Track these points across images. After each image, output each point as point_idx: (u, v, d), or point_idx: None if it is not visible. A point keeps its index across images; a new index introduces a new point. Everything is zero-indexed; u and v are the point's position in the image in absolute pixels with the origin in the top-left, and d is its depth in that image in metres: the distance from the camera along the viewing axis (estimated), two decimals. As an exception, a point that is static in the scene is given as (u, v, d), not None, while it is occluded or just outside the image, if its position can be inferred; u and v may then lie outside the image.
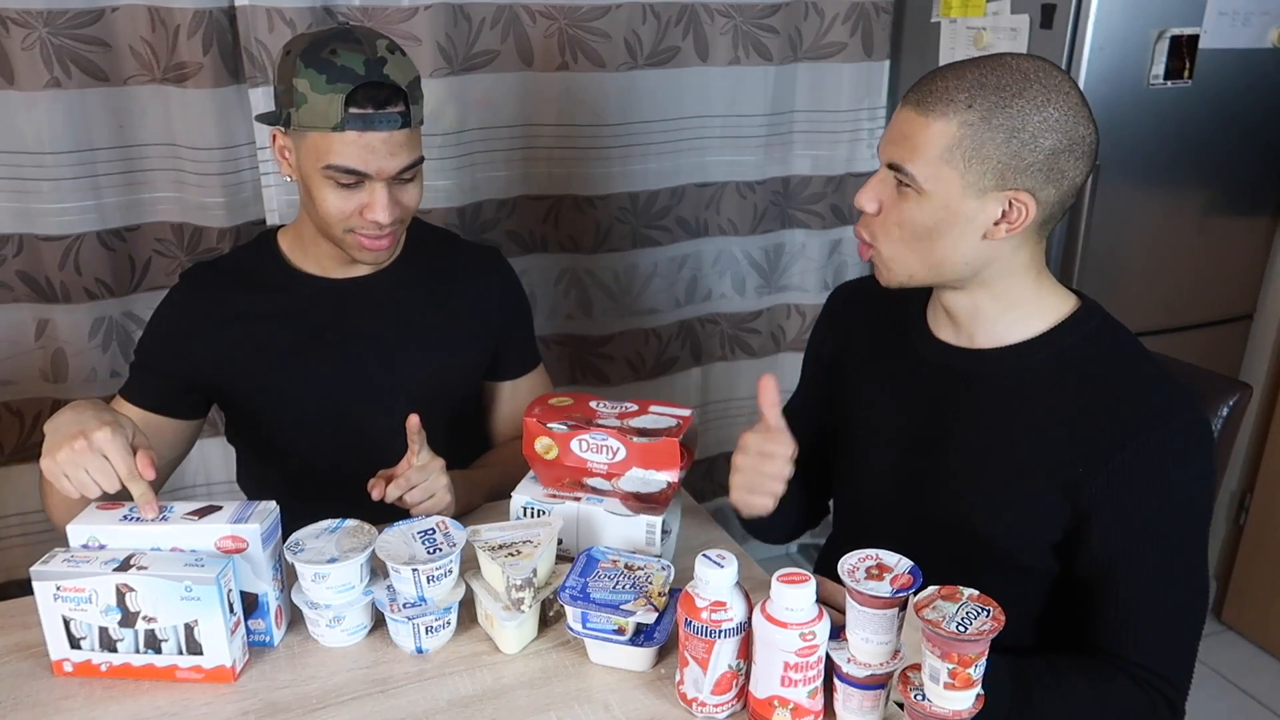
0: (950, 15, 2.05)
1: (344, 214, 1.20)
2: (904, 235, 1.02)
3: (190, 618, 0.97)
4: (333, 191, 1.18)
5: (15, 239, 1.72)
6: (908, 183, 0.99)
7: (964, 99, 0.96)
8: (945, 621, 0.82)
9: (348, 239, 1.23)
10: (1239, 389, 1.19)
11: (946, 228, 0.99)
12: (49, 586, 0.96)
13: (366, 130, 1.15)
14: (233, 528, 0.99)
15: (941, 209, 0.99)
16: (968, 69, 0.98)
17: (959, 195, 0.98)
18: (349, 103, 1.13)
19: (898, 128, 1.00)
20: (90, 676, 0.99)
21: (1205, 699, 2.15)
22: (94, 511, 1.02)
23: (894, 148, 1.00)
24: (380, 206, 1.18)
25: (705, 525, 1.28)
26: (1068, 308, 1.07)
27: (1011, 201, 0.98)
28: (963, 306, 1.08)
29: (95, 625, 0.97)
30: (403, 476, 1.17)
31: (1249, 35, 1.89)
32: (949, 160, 0.96)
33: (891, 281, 1.06)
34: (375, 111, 1.15)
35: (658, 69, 2.02)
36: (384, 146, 1.16)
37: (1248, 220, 2.09)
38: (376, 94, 1.14)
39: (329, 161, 1.16)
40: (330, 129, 1.14)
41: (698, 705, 0.94)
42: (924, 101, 0.98)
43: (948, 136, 0.96)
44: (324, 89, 1.14)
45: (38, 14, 1.60)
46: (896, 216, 1.01)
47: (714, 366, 2.35)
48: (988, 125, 0.95)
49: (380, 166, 1.17)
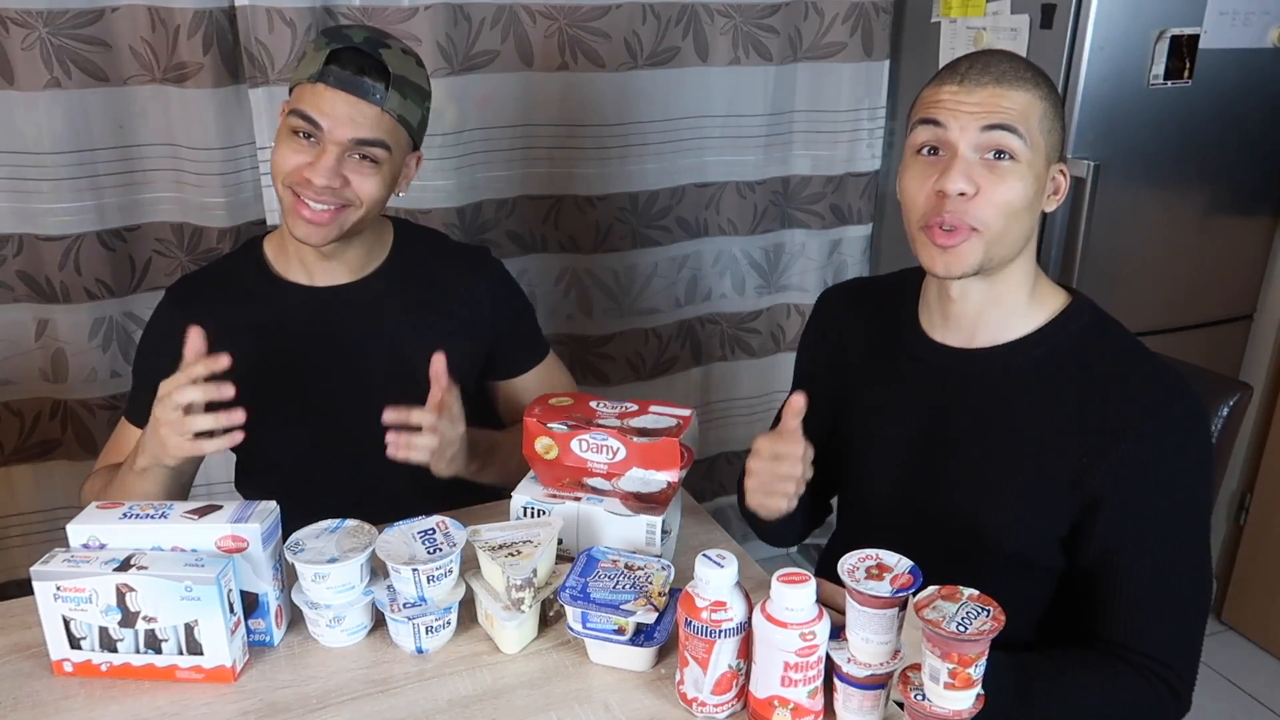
0: (950, 15, 2.05)
1: (289, 166, 1.21)
2: (1007, 211, 1.00)
3: (190, 618, 0.97)
4: (287, 141, 1.21)
5: (15, 239, 1.72)
6: (1012, 153, 0.99)
7: (1032, 77, 1.01)
8: (945, 621, 0.82)
9: (286, 199, 1.23)
10: (1239, 389, 1.19)
11: (1035, 199, 1.02)
12: (49, 586, 0.96)
13: (336, 88, 1.18)
14: (233, 527, 0.99)
15: (1035, 178, 1.01)
16: (1006, 54, 1.02)
17: (1044, 163, 1.02)
18: (330, 59, 1.18)
19: (986, 102, 0.98)
20: (90, 676, 0.99)
21: (1205, 699, 2.14)
22: (94, 511, 1.02)
23: (996, 114, 0.98)
24: (322, 168, 1.18)
25: (705, 525, 1.28)
26: (1060, 302, 1.09)
27: (1055, 174, 1.04)
28: (976, 299, 1.07)
29: (95, 625, 0.97)
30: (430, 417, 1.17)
31: (1249, 35, 1.89)
32: (1041, 128, 1.00)
33: (967, 269, 1.02)
34: (351, 75, 1.18)
35: (658, 69, 2.02)
36: (346, 109, 1.18)
37: (1248, 220, 2.09)
38: (359, 60, 1.18)
39: (295, 107, 1.20)
40: (307, 79, 1.19)
41: (698, 705, 0.94)
42: (1003, 79, 0.99)
43: (1038, 106, 1.00)
44: (320, 46, 1.20)
45: (38, 14, 1.60)
46: (1001, 193, 0.99)
47: (714, 366, 2.35)
48: (1054, 99, 1.02)
49: (334, 126, 1.18)
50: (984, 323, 1.08)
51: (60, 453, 1.87)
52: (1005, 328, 1.08)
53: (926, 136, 1.02)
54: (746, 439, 2.50)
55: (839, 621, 0.92)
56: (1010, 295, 1.07)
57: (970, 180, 0.99)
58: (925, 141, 1.02)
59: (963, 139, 0.99)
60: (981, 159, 0.99)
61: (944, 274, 1.03)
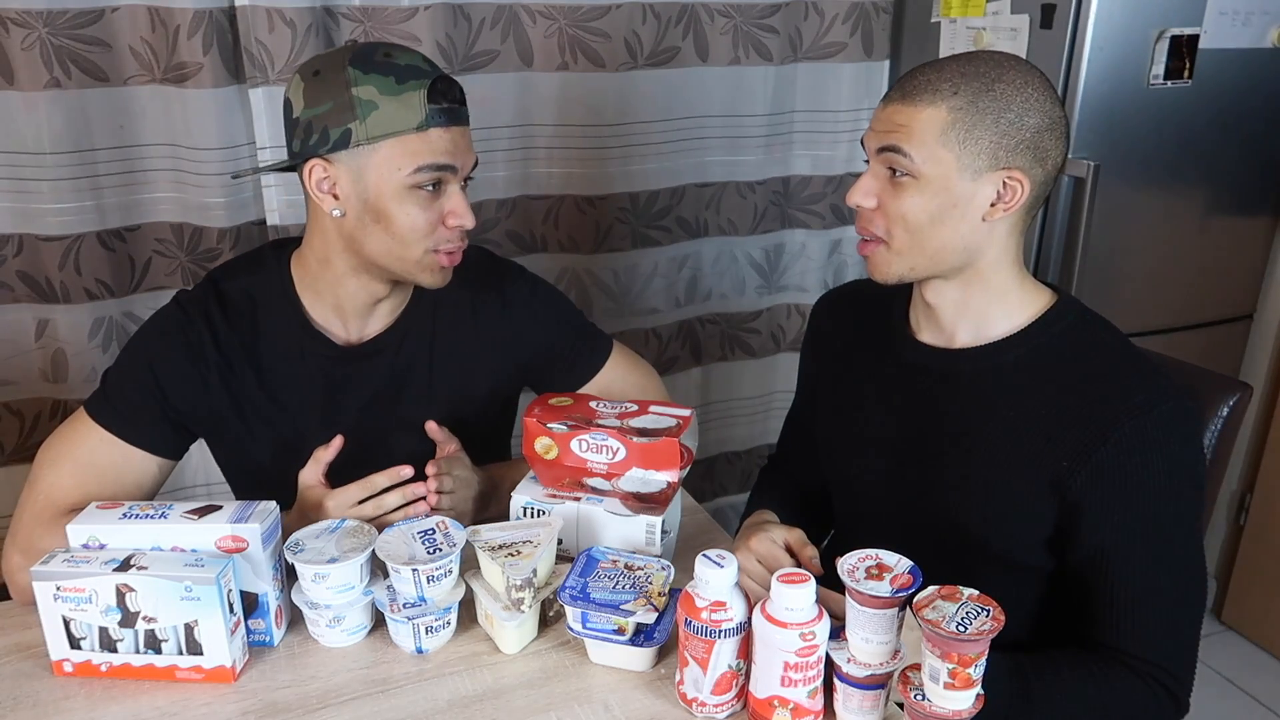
0: (950, 15, 2.05)
1: (428, 228, 1.11)
2: (908, 225, 1.02)
3: (190, 618, 0.97)
4: (416, 204, 1.10)
5: (15, 239, 1.72)
6: (906, 170, 1.01)
7: (949, 87, 0.99)
8: (945, 621, 0.82)
9: (426, 260, 1.14)
10: (1239, 389, 1.19)
11: (947, 211, 1.01)
12: (49, 586, 0.96)
13: (451, 125, 1.10)
14: (233, 527, 0.99)
15: (941, 192, 1.00)
16: (945, 64, 1.02)
17: (955, 176, 1.00)
18: (430, 98, 1.08)
19: (886, 120, 1.02)
20: (90, 676, 0.99)
21: (1205, 699, 2.14)
22: (94, 511, 1.02)
23: (888, 135, 1.02)
24: (465, 208, 1.12)
25: (705, 525, 1.29)
26: (1044, 302, 1.09)
27: (1005, 181, 1.01)
28: (950, 302, 1.08)
29: (95, 625, 0.97)
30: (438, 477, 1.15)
31: (1249, 35, 1.89)
32: (944, 143, 0.99)
33: (890, 277, 1.07)
34: (457, 106, 1.11)
35: (658, 69, 2.02)
36: (464, 141, 1.12)
37: (1248, 220, 2.09)
38: (450, 89, 1.11)
39: (420, 163, 1.08)
40: (414, 129, 1.07)
41: (698, 705, 0.94)
42: (910, 94, 1.01)
43: (940, 121, 0.99)
44: (397, 90, 1.07)
45: (38, 14, 1.60)
46: (898, 208, 1.02)
47: (714, 366, 2.35)
48: (975, 108, 0.98)
49: (464, 161, 1.12)
50: (962, 323, 1.09)
51: (60, 453, 1.87)
52: (986, 328, 1.08)
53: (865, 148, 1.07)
54: (746, 439, 2.51)
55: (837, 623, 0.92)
56: (985, 297, 1.07)
57: (869, 194, 1.04)
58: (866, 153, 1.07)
59: (870, 153, 1.05)
60: (887, 173, 1.03)
61: (871, 278, 1.09)
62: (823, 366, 1.28)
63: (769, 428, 2.44)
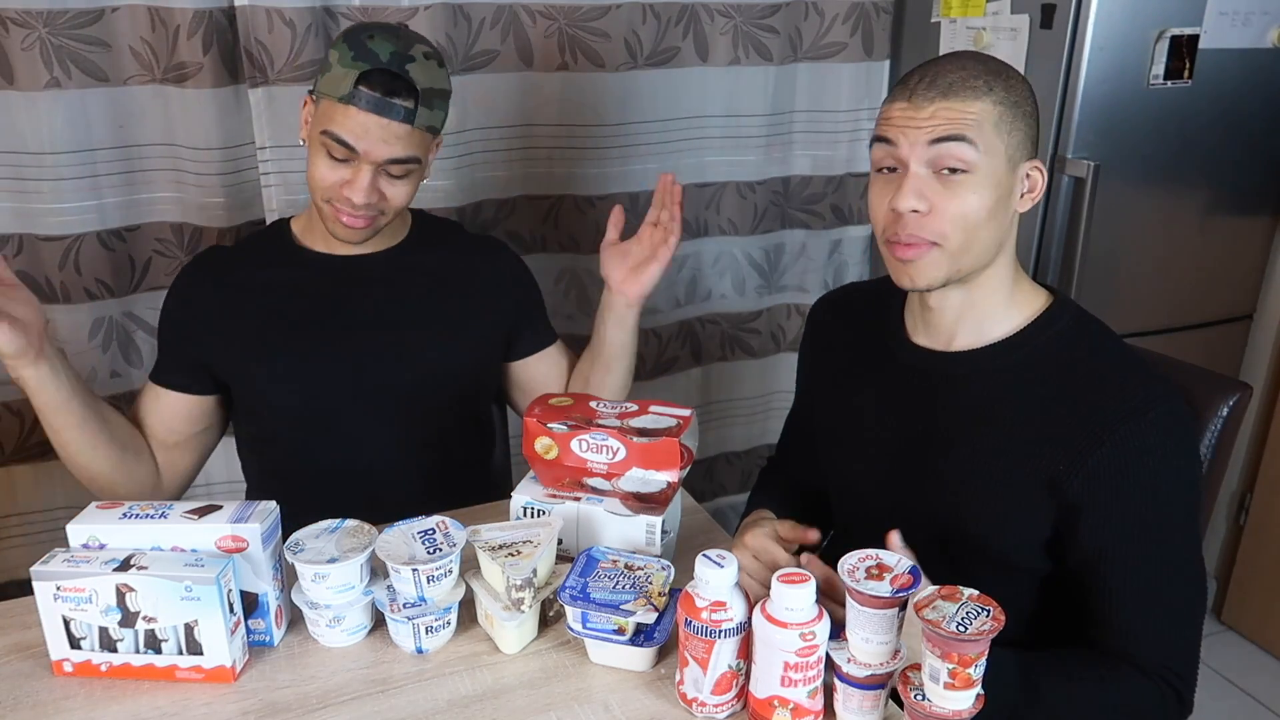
0: (950, 15, 2.05)
1: (326, 183, 1.25)
2: (966, 223, 1.00)
3: (190, 618, 0.97)
4: (323, 159, 1.24)
5: (15, 239, 1.72)
6: (965, 165, 0.99)
7: (983, 84, 1.00)
8: (945, 621, 0.82)
9: (325, 209, 1.27)
10: (1239, 389, 1.19)
11: (999, 205, 1.01)
12: (49, 586, 0.96)
13: (368, 111, 1.20)
14: (233, 527, 0.99)
15: (996, 185, 1.00)
16: (961, 60, 1.02)
17: (1005, 169, 1.01)
18: (360, 80, 1.19)
19: (934, 116, 0.99)
20: (90, 676, 0.99)
21: (1205, 699, 2.14)
22: (94, 511, 1.02)
23: (947, 127, 0.98)
24: (359, 188, 1.23)
25: (705, 525, 1.29)
26: (1041, 303, 1.09)
27: (1029, 172, 1.03)
28: (954, 305, 1.08)
29: (95, 625, 0.97)
30: None
31: (1249, 35, 1.89)
32: (998, 133, 1.00)
33: (935, 281, 1.04)
34: (382, 97, 1.20)
35: (657, 69, 2.02)
36: (379, 131, 1.21)
37: (1248, 220, 2.09)
38: (389, 83, 1.20)
39: (327, 127, 1.22)
40: (338, 99, 1.21)
41: (698, 705, 0.94)
42: (949, 91, 0.99)
43: (992, 113, 0.99)
44: (347, 63, 1.21)
45: (38, 14, 1.60)
46: (957, 206, 1.00)
47: (714, 366, 2.35)
48: (1011, 102, 1.00)
49: (370, 149, 1.22)
50: (962, 326, 1.09)
51: (60, 453, 1.87)
52: (984, 330, 1.08)
53: (881, 155, 1.04)
54: (746, 439, 2.50)
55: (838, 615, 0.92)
56: (988, 298, 1.07)
57: (922, 197, 1.00)
58: (880, 160, 1.04)
59: (913, 155, 1.00)
60: (935, 173, 1.00)
61: (910, 286, 1.05)
62: (821, 369, 1.28)
63: (769, 428, 2.43)
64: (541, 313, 1.53)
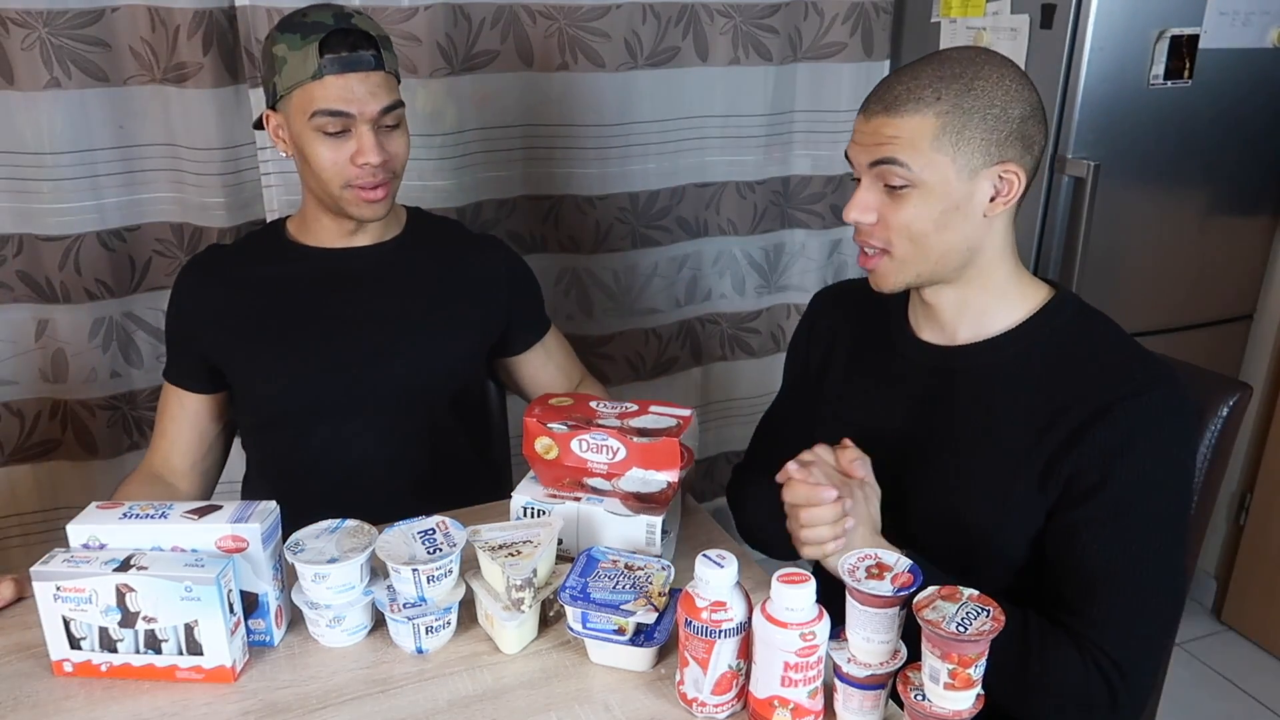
0: (950, 15, 2.05)
1: (338, 165, 1.24)
2: (912, 234, 1.02)
3: (190, 618, 0.97)
4: (323, 144, 1.23)
5: (15, 239, 1.72)
6: (904, 181, 1.00)
7: (930, 94, 0.99)
8: (945, 621, 0.82)
9: (346, 195, 1.26)
10: (1239, 389, 1.19)
11: (949, 215, 1.01)
12: (49, 587, 0.96)
13: (344, 72, 1.21)
14: (233, 527, 0.99)
15: (943, 197, 1.00)
16: (920, 69, 1.01)
17: (954, 179, 1.00)
18: (323, 49, 1.20)
19: (873, 133, 1.01)
20: (90, 677, 0.99)
21: (1205, 699, 2.15)
22: (94, 511, 1.02)
23: (879, 149, 1.01)
24: (370, 147, 1.23)
25: (705, 525, 1.28)
26: (1042, 296, 1.09)
27: (1001, 175, 1.01)
28: (950, 302, 1.09)
29: (95, 625, 0.97)
30: None
31: (1249, 35, 1.89)
32: (938, 148, 0.99)
33: (896, 286, 1.07)
34: (349, 54, 1.21)
35: (658, 69, 2.02)
36: (362, 86, 1.22)
37: (1248, 220, 2.09)
38: (347, 38, 1.21)
39: (313, 109, 1.21)
40: (310, 79, 1.20)
41: (698, 705, 0.94)
42: (893, 105, 1.00)
43: (930, 128, 0.99)
44: (299, 44, 1.21)
45: (38, 14, 1.60)
46: (900, 219, 1.02)
47: (714, 366, 2.35)
48: (961, 109, 0.98)
49: (362, 107, 1.22)
50: (963, 321, 1.10)
51: (60, 453, 1.87)
52: (985, 324, 1.09)
53: (850, 165, 1.07)
54: (746, 439, 2.49)
55: None
56: (986, 294, 1.08)
57: (868, 209, 1.03)
58: (851, 170, 1.07)
59: (862, 170, 1.04)
60: (883, 186, 1.02)
61: (876, 290, 1.08)
62: (823, 360, 1.27)
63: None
64: (539, 308, 1.51)
